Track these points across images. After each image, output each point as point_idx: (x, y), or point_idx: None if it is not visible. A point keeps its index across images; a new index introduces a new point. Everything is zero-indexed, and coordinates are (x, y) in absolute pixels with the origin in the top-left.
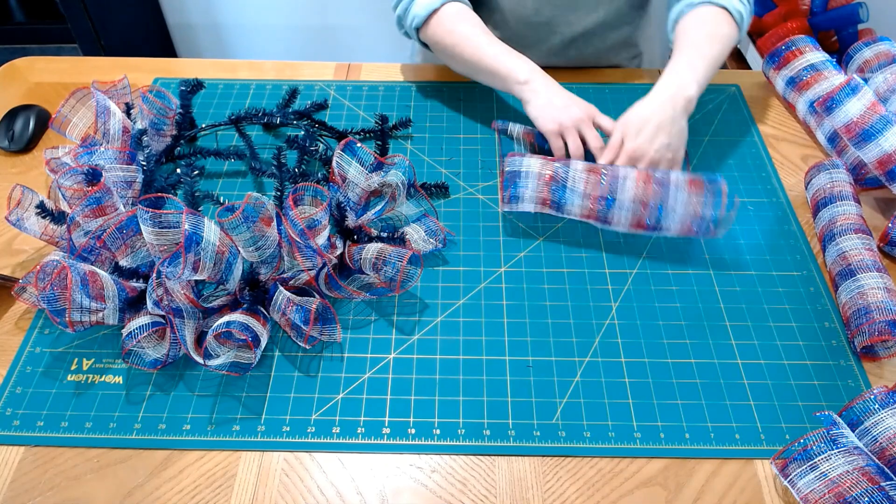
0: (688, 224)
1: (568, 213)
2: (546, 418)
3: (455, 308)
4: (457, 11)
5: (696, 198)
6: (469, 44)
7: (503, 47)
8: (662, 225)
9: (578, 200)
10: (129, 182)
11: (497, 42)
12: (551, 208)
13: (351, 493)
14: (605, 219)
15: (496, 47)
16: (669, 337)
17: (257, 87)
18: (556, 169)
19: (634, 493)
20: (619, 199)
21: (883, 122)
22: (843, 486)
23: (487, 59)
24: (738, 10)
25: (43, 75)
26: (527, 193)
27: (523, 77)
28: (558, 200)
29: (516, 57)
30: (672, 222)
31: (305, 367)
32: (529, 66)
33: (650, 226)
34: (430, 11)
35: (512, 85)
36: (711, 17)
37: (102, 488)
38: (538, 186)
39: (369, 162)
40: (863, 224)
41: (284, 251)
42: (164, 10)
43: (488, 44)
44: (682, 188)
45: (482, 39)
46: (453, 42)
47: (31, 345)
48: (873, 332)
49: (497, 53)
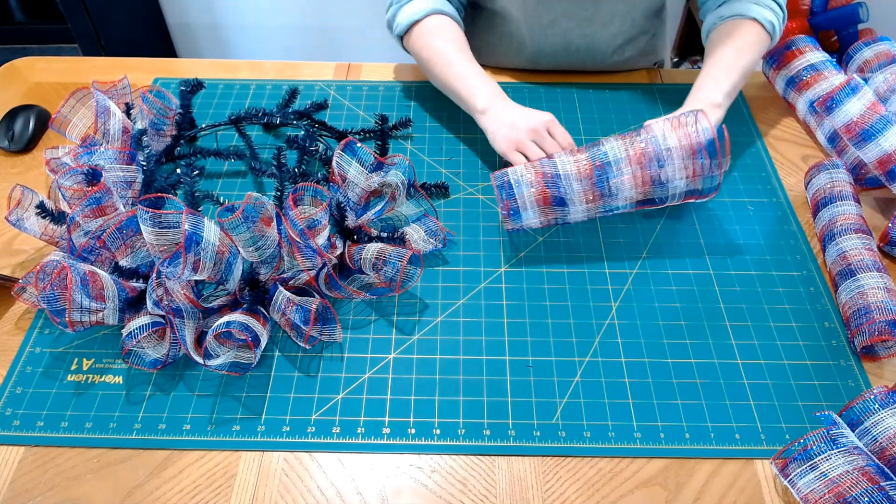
0: (691, 169)
1: (571, 203)
2: (546, 418)
3: (455, 308)
4: (437, 25)
5: (684, 133)
6: (440, 61)
7: (471, 69)
8: (666, 178)
9: (577, 185)
10: (129, 182)
11: (468, 62)
12: (554, 210)
13: (351, 493)
14: (609, 192)
15: (463, 67)
16: (669, 337)
17: (257, 87)
18: (542, 164)
19: (634, 493)
20: (614, 162)
21: (883, 122)
22: (843, 486)
23: (452, 79)
24: (770, 20)
25: (43, 75)
26: (525, 199)
27: (481, 105)
28: (557, 194)
29: (480, 82)
30: (673, 171)
31: (305, 367)
32: (490, 91)
33: (654, 182)
34: (411, 22)
35: (472, 113)
36: (738, 28)
37: (102, 488)
38: (532, 187)
39: (369, 162)
40: (863, 224)
41: (284, 251)
42: (164, 10)
43: (457, 62)
44: (669, 131)
45: (452, 58)
46: (427, 56)
47: (31, 345)
48: (873, 332)
49: (462, 75)
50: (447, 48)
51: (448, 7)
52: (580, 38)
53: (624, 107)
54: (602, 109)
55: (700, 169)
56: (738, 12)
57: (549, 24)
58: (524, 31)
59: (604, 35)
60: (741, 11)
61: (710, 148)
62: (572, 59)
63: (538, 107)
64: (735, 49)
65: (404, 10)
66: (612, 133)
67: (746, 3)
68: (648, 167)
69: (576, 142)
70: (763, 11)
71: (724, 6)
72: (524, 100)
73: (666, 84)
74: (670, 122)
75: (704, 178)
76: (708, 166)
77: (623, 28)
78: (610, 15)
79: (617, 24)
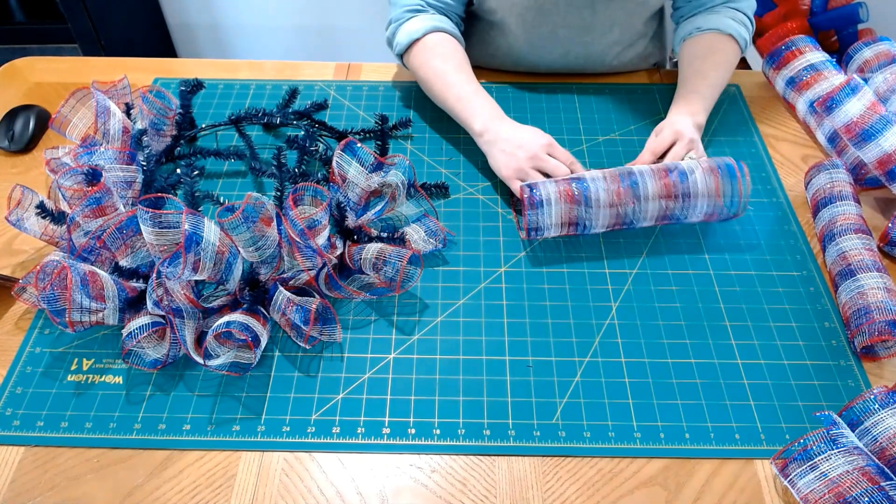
0: (712, 206)
1: (593, 225)
2: (546, 418)
3: (455, 308)
4: (436, 43)
5: (714, 178)
6: (438, 81)
7: (469, 89)
8: (688, 214)
9: (604, 211)
10: (129, 182)
11: (466, 82)
12: (575, 228)
13: (351, 493)
14: (631, 222)
15: (462, 89)
16: (669, 337)
17: (257, 87)
18: (573, 186)
19: (634, 493)
20: (643, 196)
21: (883, 122)
22: (843, 486)
23: (452, 100)
24: (744, 37)
25: (43, 75)
26: (549, 220)
27: (478, 128)
28: (582, 219)
29: (479, 104)
30: (697, 209)
31: (305, 367)
32: (488, 113)
33: (675, 218)
34: (411, 41)
35: (472, 135)
36: (717, 44)
37: (102, 488)
38: (560, 210)
39: (369, 162)
40: (863, 224)
41: (284, 251)
42: (164, 10)
43: (456, 84)
44: (698, 172)
45: (451, 78)
46: (426, 76)
47: (31, 345)
48: (873, 332)
49: (461, 97)
50: (446, 68)
51: (447, 24)
52: (579, 47)
53: (624, 107)
54: (602, 109)
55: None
56: (716, 27)
57: (548, 35)
58: (522, 42)
59: (603, 43)
60: (718, 26)
61: (736, 195)
62: (571, 66)
63: (538, 108)
64: (716, 66)
65: (403, 28)
66: (612, 133)
67: (723, 17)
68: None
69: (576, 142)
70: (739, 28)
71: (699, 17)
72: (524, 102)
73: (666, 84)
74: (702, 166)
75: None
76: (729, 209)
77: (623, 35)
78: (609, 23)
79: (616, 32)
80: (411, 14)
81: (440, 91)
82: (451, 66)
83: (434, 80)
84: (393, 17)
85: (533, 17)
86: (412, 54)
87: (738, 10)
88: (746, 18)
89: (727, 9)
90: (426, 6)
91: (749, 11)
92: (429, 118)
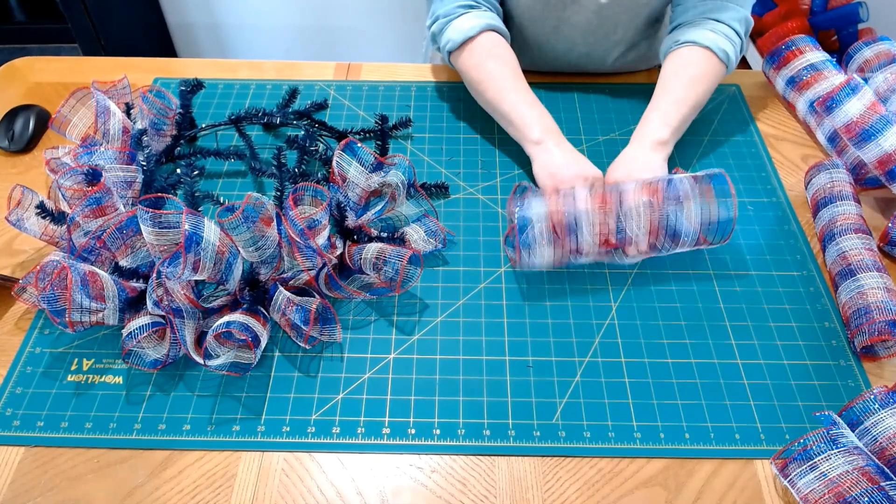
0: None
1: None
2: (546, 418)
3: (455, 308)
4: (491, 45)
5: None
6: (493, 85)
7: (525, 97)
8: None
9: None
10: (129, 182)
11: (521, 89)
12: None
13: (351, 493)
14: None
15: (518, 96)
16: (669, 337)
17: (257, 87)
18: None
19: (634, 493)
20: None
21: (883, 122)
22: (843, 486)
23: (506, 106)
24: (724, 50)
25: (43, 75)
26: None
27: (535, 136)
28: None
29: (535, 113)
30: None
31: (305, 367)
32: (544, 124)
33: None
34: (465, 38)
35: (524, 141)
36: (695, 59)
37: (102, 488)
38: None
39: (369, 162)
40: (863, 224)
41: (284, 251)
42: (164, 9)
43: (512, 89)
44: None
45: (507, 83)
46: (479, 78)
47: (31, 345)
48: (873, 332)
49: (516, 103)
50: (502, 73)
51: (499, 23)
52: (583, 46)
53: (624, 107)
54: (602, 110)
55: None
56: (692, 39)
57: (552, 31)
58: (527, 34)
59: (606, 43)
60: (695, 39)
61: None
62: (573, 65)
63: None
64: (686, 81)
65: (455, 25)
66: (612, 133)
67: (702, 29)
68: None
69: (576, 142)
70: (718, 40)
71: (679, 30)
72: None
73: None
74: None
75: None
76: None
77: (626, 36)
78: (613, 24)
79: (620, 33)
80: (464, 10)
81: (494, 95)
82: (508, 72)
83: (488, 83)
84: (442, 13)
85: (539, 11)
86: (463, 53)
87: (720, 21)
88: (730, 30)
89: (707, 20)
90: (478, 2)
91: (735, 23)
92: (429, 118)
